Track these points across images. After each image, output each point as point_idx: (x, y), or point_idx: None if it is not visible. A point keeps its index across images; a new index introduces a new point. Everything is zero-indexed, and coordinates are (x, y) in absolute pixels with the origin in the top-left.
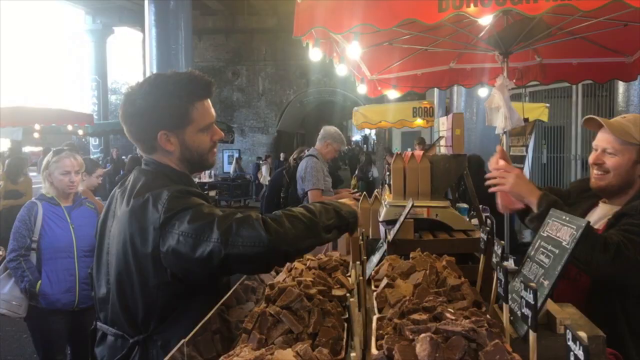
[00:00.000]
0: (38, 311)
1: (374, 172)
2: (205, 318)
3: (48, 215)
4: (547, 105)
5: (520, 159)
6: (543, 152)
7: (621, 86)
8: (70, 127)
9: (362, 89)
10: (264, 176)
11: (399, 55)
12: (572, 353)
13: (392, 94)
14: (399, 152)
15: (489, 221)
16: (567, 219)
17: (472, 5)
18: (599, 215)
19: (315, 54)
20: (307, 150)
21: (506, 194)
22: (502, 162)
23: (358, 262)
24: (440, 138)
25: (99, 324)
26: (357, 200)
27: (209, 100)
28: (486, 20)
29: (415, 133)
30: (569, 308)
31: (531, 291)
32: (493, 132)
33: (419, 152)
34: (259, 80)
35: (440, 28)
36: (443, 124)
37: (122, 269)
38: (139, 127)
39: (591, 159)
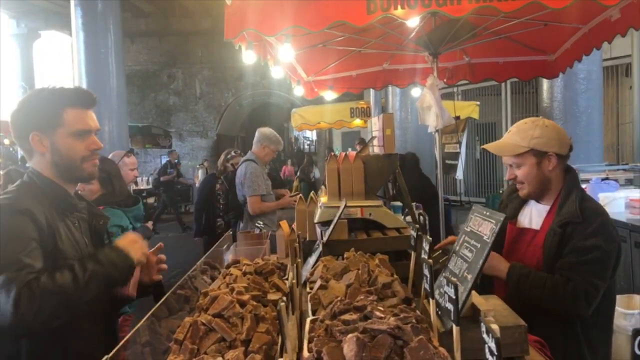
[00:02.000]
0: None
1: (316, 173)
2: (132, 331)
3: None
4: (478, 103)
5: (455, 156)
6: (476, 148)
7: (545, 83)
8: None
9: (298, 91)
10: (200, 180)
11: (334, 56)
12: (486, 345)
13: (329, 95)
14: (333, 154)
15: (422, 218)
16: (488, 214)
17: (399, 7)
18: (534, 213)
19: (248, 57)
20: (234, 152)
21: None
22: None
23: (294, 265)
24: (372, 138)
25: None
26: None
27: (88, 112)
28: (413, 22)
29: (355, 133)
30: (494, 300)
31: (452, 286)
32: (427, 130)
33: (352, 153)
34: (195, 83)
35: (372, 30)
36: (375, 125)
37: None
38: (15, 129)
39: (506, 177)
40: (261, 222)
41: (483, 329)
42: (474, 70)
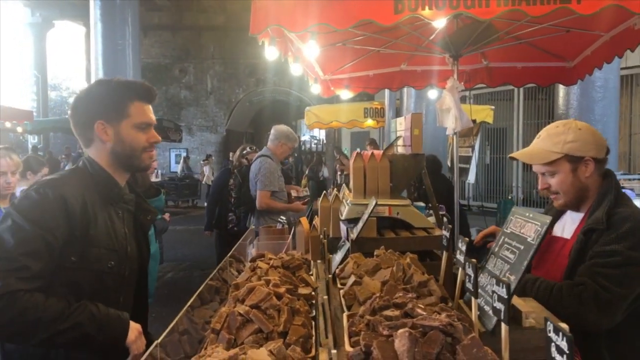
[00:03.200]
0: None
1: (325, 172)
2: (175, 320)
3: None
4: (492, 107)
5: (467, 159)
6: (486, 152)
7: (561, 90)
8: (8, 124)
9: (315, 89)
10: (207, 176)
11: (352, 55)
12: (553, 344)
13: (345, 94)
14: (358, 152)
15: (445, 219)
16: (531, 215)
17: (427, 7)
18: (568, 221)
19: (271, 53)
20: (250, 148)
21: None
22: None
23: (319, 261)
24: (398, 138)
25: None
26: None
27: (149, 107)
28: (440, 23)
29: (364, 133)
30: (532, 302)
31: (504, 286)
32: (442, 133)
33: (378, 152)
34: (207, 78)
35: (394, 30)
36: (401, 124)
37: None
38: (79, 117)
39: (539, 187)
40: (284, 218)
41: (550, 327)
42: (492, 74)
